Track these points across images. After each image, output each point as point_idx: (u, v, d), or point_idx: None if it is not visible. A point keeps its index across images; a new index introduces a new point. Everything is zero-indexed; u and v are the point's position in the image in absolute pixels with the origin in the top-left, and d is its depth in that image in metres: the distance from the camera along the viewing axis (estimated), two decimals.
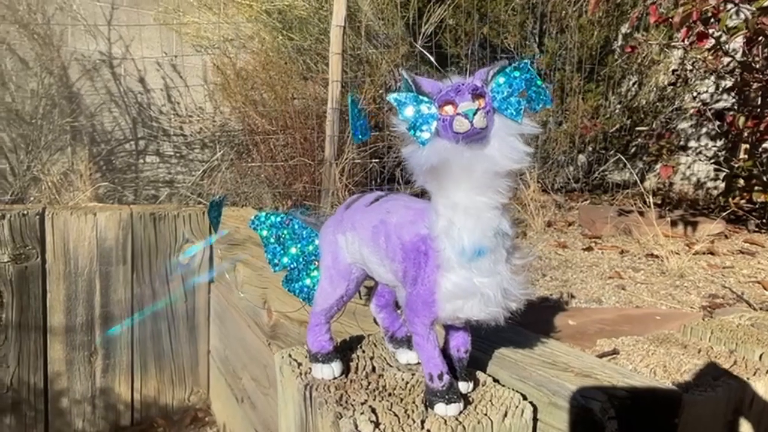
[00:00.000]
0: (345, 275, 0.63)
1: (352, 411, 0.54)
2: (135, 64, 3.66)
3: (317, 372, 0.63)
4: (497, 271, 0.54)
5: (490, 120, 0.52)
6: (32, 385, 1.89)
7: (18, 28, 2.73)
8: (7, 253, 1.82)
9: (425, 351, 0.57)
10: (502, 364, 0.72)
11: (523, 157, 0.52)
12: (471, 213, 0.53)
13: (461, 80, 0.53)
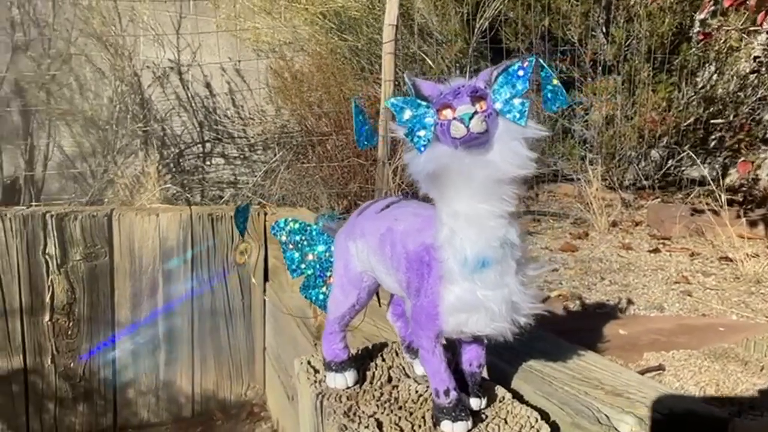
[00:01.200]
0: (356, 283, 0.62)
1: (357, 424, 0.53)
2: (201, 70, 3.82)
3: (330, 381, 0.62)
4: (505, 283, 0.51)
5: (491, 124, 0.48)
6: (102, 376, 2.01)
7: (94, 40, 2.91)
8: (79, 252, 1.94)
9: (431, 365, 0.55)
10: (527, 378, 0.69)
11: (527, 162, 0.49)
12: (473, 222, 0.50)
13: (462, 82, 0.50)
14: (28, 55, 3.01)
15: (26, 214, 1.88)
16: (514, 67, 0.50)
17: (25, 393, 1.92)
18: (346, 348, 0.64)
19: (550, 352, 0.77)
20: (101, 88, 3.12)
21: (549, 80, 0.51)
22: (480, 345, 0.59)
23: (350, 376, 0.62)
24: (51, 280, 1.91)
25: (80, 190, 3.44)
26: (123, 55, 3.08)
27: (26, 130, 3.17)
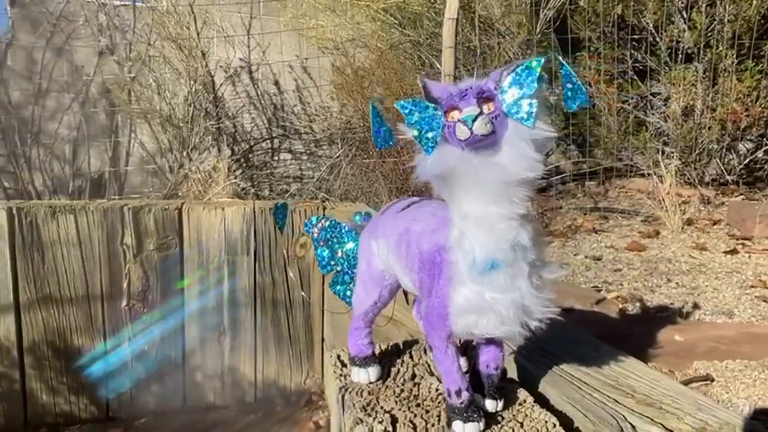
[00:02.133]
0: (378, 281, 0.63)
1: (372, 418, 0.54)
2: (270, 68, 3.95)
3: (354, 375, 0.64)
4: (516, 286, 0.50)
5: (499, 125, 0.48)
6: (173, 359, 2.14)
7: (170, 43, 3.09)
8: (153, 243, 2.08)
9: (443, 365, 0.55)
10: (555, 382, 0.67)
11: (535, 164, 0.47)
12: (483, 224, 0.50)
13: (471, 83, 0.50)
14: (112, 59, 3.24)
15: (106, 207, 2.03)
16: (522, 68, 0.49)
17: (105, 373, 2.08)
18: (371, 344, 0.65)
19: (586, 357, 0.75)
20: (177, 87, 3.30)
21: (568, 78, 0.49)
22: (498, 347, 0.59)
23: (373, 372, 0.63)
24: (128, 269, 2.06)
25: (159, 184, 3.67)
26: (197, 57, 3.25)
27: (110, 129, 3.42)
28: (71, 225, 1.99)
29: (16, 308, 1.97)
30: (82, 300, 2.03)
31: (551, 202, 3.04)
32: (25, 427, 2.00)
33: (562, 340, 0.80)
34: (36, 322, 2.00)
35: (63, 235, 1.99)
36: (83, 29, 3.38)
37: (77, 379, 2.05)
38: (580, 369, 0.71)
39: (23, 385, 2.00)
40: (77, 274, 2.02)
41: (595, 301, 1.25)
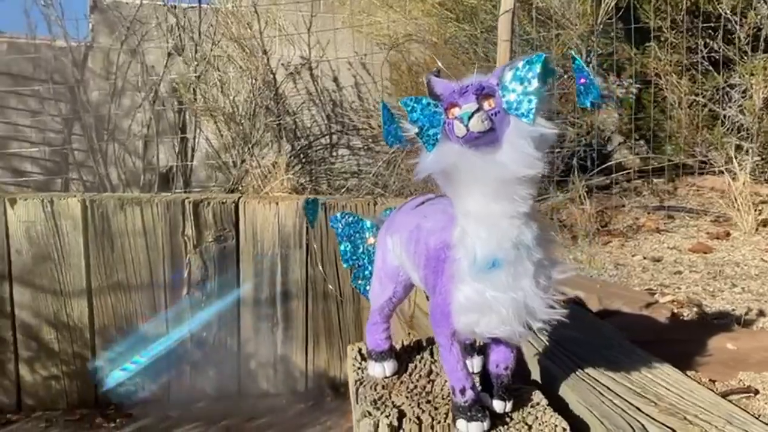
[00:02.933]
0: (393, 277, 0.63)
1: (380, 412, 0.55)
2: (329, 65, 4.02)
3: (370, 369, 0.64)
4: (519, 286, 0.49)
5: (499, 122, 0.47)
6: (229, 346, 2.24)
7: (233, 42, 3.21)
8: (211, 234, 2.17)
9: (448, 363, 0.54)
10: (576, 386, 0.66)
11: (534, 162, 0.46)
12: (484, 222, 0.49)
13: (475, 80, 0.49)
14: (180, 59, 3.41)
15: (169, 200, 2.15)
16: (523, 64, 0.48)
17: (166, 356, 2.20)
18: (388, 339, 0.66)
19: (616, 362, 0.72)
20: (240, 86, 3.42)
21: (581, 73, 0.48)
22: (509, 347, 0.58)
23: (389, 366, 0.64)
24: (188, 259, 2.17)
25: (223, 179, 3.83)
26: (259, 55, 3.36)
27: (178, 126, 3.60)
28: (138, 217, 2.12)
29: (89, 293, 2.12)
30: (147, 287, 2.16)
31: (613, 200, 2.91)
32: (96, 404, 2.16)
33: (594, 344, 0.77)
34: (106, 306, 2.14)
35: (130, 226, 2.12)
36: (155, 31, 3.57)
37: (141, 362, 2.18)
38: (606, 374, 0.68)
39: (94, 364, 2.15)
40: (143, 263, 2.14)
41: (645, 304, 1.20)
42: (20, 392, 2.12)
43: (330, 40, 3.97)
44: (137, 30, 3.54)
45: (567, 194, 2.41)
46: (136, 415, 2.11)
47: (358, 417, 0.54)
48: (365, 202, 2.26)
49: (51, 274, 2.08)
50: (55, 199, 2.07)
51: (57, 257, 2.08)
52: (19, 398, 2.12)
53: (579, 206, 2.41)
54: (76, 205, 2.07)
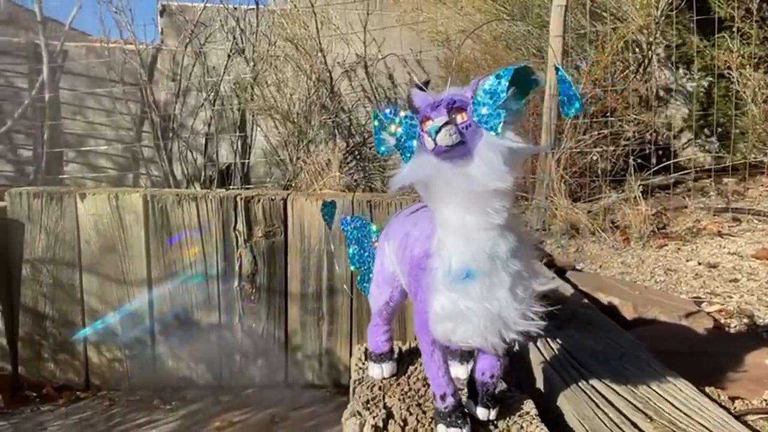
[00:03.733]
0: (389, 282, 0.65)
1: (369, 412, 0.57)
2: (385, 62, 4.05)
3: (370, 370, 0.66)
4: (495, 297, 0.49)
5: (471, 135, 0.47)
6: (276, 337, 2.32)
7: (290, 43, 3.30)
8: (261, 230, 2.26)
9: (429, 369, 0.55)
10: (573, 398, 0.65)
11: (503, 176, 0.46)
12: (459, 233, 0.49)
13: (450, 93, 0.49)
14: (240, 59, 3.54)
15: (222, 196, 2.25)
16: (493, 77, 0.47)
17: (219, 344, 2.31)
18: (389, 341, 0.67)
19: (625, 374, 0.71)
20: (296, 84, 3.52)
21: (563, 84, 0.47)
22: (495, 356, 0.58)
23: (387, 368, 0.65)
24: (239, 253, 2.26)
25: (280, 175, 3.95)
26: (315, 55, 3.43)
27: (238, 124, 3.74)
28: (193, 211, 2.23)
29: (149, 282, 2.26)
30: (201, 279, 2.27)
31: (674, 201, 2.77)
32: (154, 386, 2.30)
33: (606, 355, 0.76)
34: (164, 295, 2.27)
35: (186, 220, 2.23)
36: (218, 33, 3.73)
37: (195, 349, 2.30)
38: (610, 386, 0.67)
39: (153, 349, 2.29)
40: (198, 256, 2.26)
41: (686, 313, 1.14)
42: (88, 372, 2.29)
43: (385, 37, 4.00)
44: (201, 32, 3.71)
45: (621, 194, 2.32)
46: (190, 399, 2.23)
47: (347, 416, 0.56)
48: (412, 199, 2.27)
49: (116, 264, 2.24)
50: (119, 194, 2.22)
51: (121, 248, 2.23)
52: (87, 378, 2.29)
53: (634, 207, 2.32)
54: (138, 200, 2.20)
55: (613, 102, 2.38)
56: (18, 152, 3.93)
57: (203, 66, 3.66)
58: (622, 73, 2.71)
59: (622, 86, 2.57)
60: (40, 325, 2.23)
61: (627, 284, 1.40)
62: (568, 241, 2.25)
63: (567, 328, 0.87)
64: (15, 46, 3.84)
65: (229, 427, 2.04)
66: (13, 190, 2.24)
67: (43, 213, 2.19)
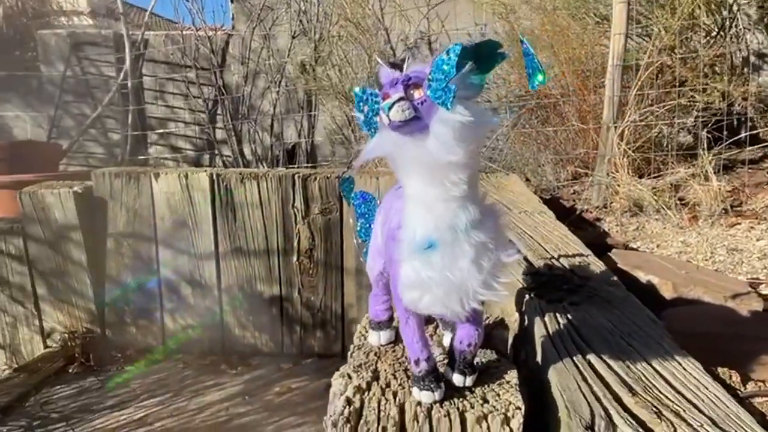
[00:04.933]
0: (381, 253, 0.67)
1: (357, 374, 0.61)
2: (448, 37, 3.99)
3: (369, 337, 0.70)
4: (457, 267, 0.51)
5: (427, 110, 0.48)
6: (333, 310, 2.42)
7: (351, 23, 3.34)
8: (318, 207, 2.34)
9: (405, 335, 0.57)
10: (562, 371, 0.66)
11: (454, 148, 0.47)
12: (421, 204, 0.51)
13: (413, 70, 0.50)
14: (304, 41, 3.63)
15: (281, 174, 2.35)
16: (445, 53, 0.48)
17: (280, 316, 2.44)
18: (388, 310, 0.70)
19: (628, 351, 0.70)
20: (359, 64, 3.56)
21: (527, 57, 0.47)
22: (473, 325, 0.59)
23: (384, 336, 0.68)
24: (298, 229, 2.36)
25: (346, 153, 4.03)
26: (377, 34, 3.45)
27: (303, 104, 3.85)
28: (255, 190, 2.35)
29: (216, 257, 2.42)
30: (263, 253, 2.40)
31: (757, 176, 2.57)
32: (222, 352, 2.48)
33: (614, 332, 0.77)
34: (230, 268, 2.43)
35: (249, 198, 2.36)
36: (285, 16, 3.84)
37: (259, 319, 2.45)
38: (607, 362, 0.67)
39: (221, 318, 2.46)
40: (259, 232, 2.38)
41: (732, 294, 1.08)
42: (165, 337, 2.49)
43: (449, 12, 3.93)
44: (267, 16, 3.82)
45: (689, 170, 2.19)
46: (254, 365, 2.38)
47: (335, 377, 0.61)
48: None
49: (187, 239, 2.41)
50: (189, 174, 2.38)
51: (191, 224, 2.40)
52: (164, 342, 2.50)
53: (705, 183, 2.18)
54: (205, 179, 2.35)
55: (686, 71, 2.23)
56: (108, 135, 4.28)
57: (268, 49, 3.78)
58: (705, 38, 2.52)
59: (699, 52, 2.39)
60: (123, 293, 2.46)
61: (675, 263, 1.33)
62: (629, 219, 2.16)
63: (583, 305, 0.87)
64: (103, 37, 4.16)
65: (288, 392, 2.16)
66: (98, 171, 2.45)
67: (123, 192, 2.39)
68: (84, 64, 4.23)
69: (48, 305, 2.42)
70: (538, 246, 1.25)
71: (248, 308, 2.46)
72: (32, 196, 2.33)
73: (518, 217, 1.60)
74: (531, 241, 1.31)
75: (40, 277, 2.41)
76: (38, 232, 2.36)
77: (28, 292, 2.43)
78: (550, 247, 1.24)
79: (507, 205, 1.77)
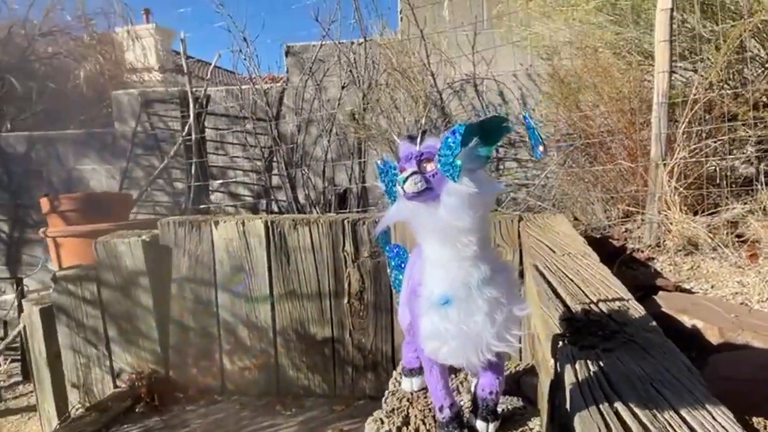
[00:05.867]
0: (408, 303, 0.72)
1: (388, 419, 0.65)
2: (495, 79, 4.07)
3: (402, 383, 0.74)
4: (472, 320, 0.55)
5: (439, 182, 0.54)
6: (384, 352, 2.45)
7: (398, 72, 3.48)
8: (367, 250, 2.42)
9: (429, 384, 0.61)
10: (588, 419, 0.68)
11: (462, 216, 0.51)
12: (438, 264, 0.56)
13: (426, 145, 0.56)
14: (353, 90, 3.80)
15: (332, 219, 2.45)
16: (451, 131, 0.54)
17: (332, 358, 2.50)
18: (419, 358, 0.74)
19: (657, 400, 0.71)
20: (406, 110, 3.68)
21: (529, 131, 0.52)
22: (495, 373, 0.62)
23: (416, 382, 0.72)
24: (348, 272, 2.44)
25: None
26: (424, 80, 3.57)
27: (354, 151, 3.99)
28: (307, 235, 2.45)
29: (271, 299, 2.52)
30: (315, 296, 2.49)
31: None
32: (277, 393, 2.54)
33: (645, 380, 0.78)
34: (284, 311, 2.52)
35: (301, 243, 2.46)
36: (335, 68, 4.04)
37: (312, 360, 2.51)
38: (633, 410, 0.68)
39: (276, 360, 2.54)
40: (312, 275, 2.47)
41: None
42: (224, 378, 2.59)
43: (494, 55, 4.02)
44: (319, 68, 4.04)
45: (745, 206, 2.12)
46: (308, 407, 2.43)
47: (368, 422, 0.65)
48: (510, 218, 2.29)
49: (244, 283, 2.53)
50: (245, 221, 2.51)
51: (248, 268, 2.52)
52: (223, 383, 2.60)
53: (762, 219, 2.11)
54: (261, 226, 2.48)
55: (736, 105, 2.19)
56: (174, 185, 4.57)
57: (319, 100, 3.98)
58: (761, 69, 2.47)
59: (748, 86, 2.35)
60: (185, 335, 2.59)
61: (725, 306, 1.30)
62: (683, 258, 2.11)
63: (616, 351, 0.88)
64: (170, 95, 4.50)
65: None
66: (164, 219, 2.64)
67: (186, 239, 2.55)
68: (153, 120, 4.57)
69: (118, 347, 2.59)
70: (578, 290, 1.26)
71: (301, 350, 2.53)
72: (106, 245, 2.53)
73: (561, 260, 1.61)
74: (572, 285, 1.32)
75: (111, 320, 2.58)
76: (110, 278, 2.54)
77: (101, 334, 2.61)
78: (590, 291, 1.25)
79: (551, 247, 1.77)
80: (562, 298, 1.18)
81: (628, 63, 2.51)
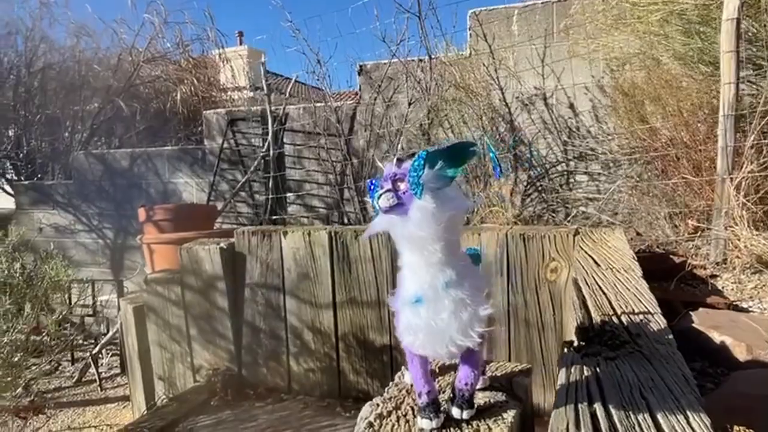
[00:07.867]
0: None
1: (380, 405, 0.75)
2: (564, 92, 4.03)
3: (405, 376, 0.82)
4: (439, 317, 0.63)
5: (409, 198, 0.63)
6: None
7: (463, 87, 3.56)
8: None
9: (411, 373, 0.70)
10: (559, 416, 0.74)
11: (425, 227, 0.60)
12: (410, 268, 0.65)
13: (402, 167, 0.66)
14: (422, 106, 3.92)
15: None
16: (417, 155, 0.62)
17: (390, 364, 2.60)
18: None
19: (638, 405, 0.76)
20: (471, 124, 3.74)
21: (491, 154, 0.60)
22: (471, 367, 0.69)
23: None
24: None
25: None
26: (486, 96, 3.63)
27: None
28: (367, 245, 2.59)
29: (334, 306, 2.67)
30: (374, 304, 2.61)
31: None
32: (339, 395, 2.68)
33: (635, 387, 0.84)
34: (345, 317, 2.66)
35: (362, 253, 2.60)
36: (405, 84, 4.18)
37: (372, 366, 2.63)
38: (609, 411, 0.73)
39: (338, 363, 2.68)
40: (371, 284, 2.60)
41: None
42: (290, 379, 2.77)
43: (564, 68, 3.99)
44: (389, 85, 4.20)
45: None
46: None
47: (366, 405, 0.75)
48: (566, 232, 2.29)
49: (309, 289, 2.70)
50: (311, 231, 2.69)
51: (313, 276, 2.69)
52: (289, 383, 2.78)
53: None
54: (325, 236, 2.64)
55: None
56: (255, 197, 4.90)
57: (387, 117, 4.13)
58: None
59: None
60: (257, 337, 2.80)
61: (755, 321, 1.25)
62: (749, 276, 2.04)
63: (618, 360, 0.93)
64: (252, 114, 4.85)
65: None
66: (240, 229, 2.88)
67: (258, 247, 2.77)
68: (237, 137, 4.94)
69: (198, 345, 2.84)
70: (606, 303, 1.30)
71: (361, 355, 2.65)
72: (189, 252, 2.80)
73: (603, 273, 1.62)
74: (602, 298, 1.35)
75: (192, 320, 2.84)
76: (192, 281, 2.81)
77: (184, 333, 2.88)
78: (618, 304, 1.28)
79: (597, 261, 1.79)
80: (588, 309, 1.22)
81: (698, 73, 2.44)
